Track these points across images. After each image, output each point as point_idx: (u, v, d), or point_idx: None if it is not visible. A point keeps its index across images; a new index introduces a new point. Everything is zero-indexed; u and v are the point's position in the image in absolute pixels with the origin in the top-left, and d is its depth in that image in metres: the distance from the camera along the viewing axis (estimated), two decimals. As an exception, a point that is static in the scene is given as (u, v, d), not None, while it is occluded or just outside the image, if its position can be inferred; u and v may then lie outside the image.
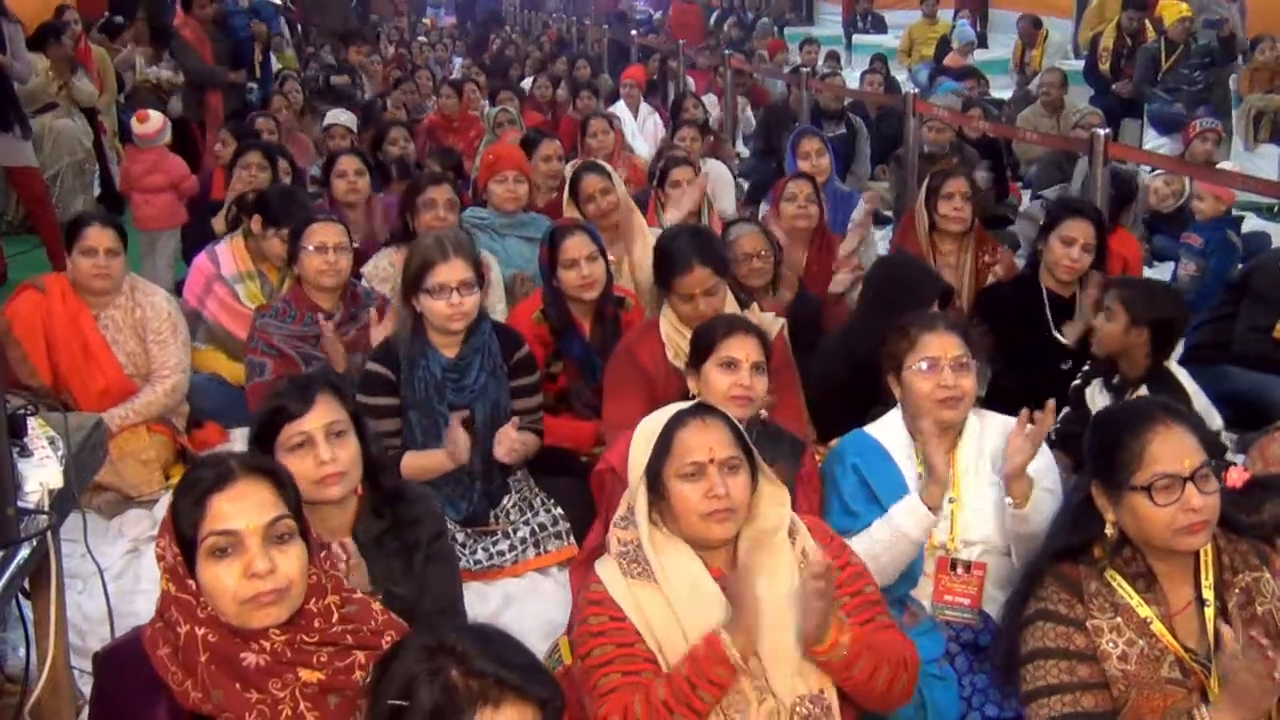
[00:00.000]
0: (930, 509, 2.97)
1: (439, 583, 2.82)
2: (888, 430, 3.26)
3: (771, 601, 2.42)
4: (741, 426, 2.63)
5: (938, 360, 3.12)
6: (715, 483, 2.43)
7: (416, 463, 3.68)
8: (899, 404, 3.26)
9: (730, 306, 3.96)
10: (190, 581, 2.04)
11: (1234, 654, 2.22)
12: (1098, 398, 4.02)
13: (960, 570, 3.02)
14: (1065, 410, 4.01)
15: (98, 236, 4.37)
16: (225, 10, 11.15)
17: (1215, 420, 3.94)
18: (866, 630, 2.46)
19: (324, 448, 2.64)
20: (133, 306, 4.47)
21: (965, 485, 3.13)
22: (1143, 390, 3.87)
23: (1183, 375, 4.04)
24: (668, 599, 2.44)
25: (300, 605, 2.09)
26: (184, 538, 2.05)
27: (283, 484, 2.12)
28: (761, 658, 2.41)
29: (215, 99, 10.24)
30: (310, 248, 4.32)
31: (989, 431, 3.21)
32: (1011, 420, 3.21)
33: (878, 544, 2.99)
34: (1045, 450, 3.17)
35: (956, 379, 3.11)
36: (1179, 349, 4.59)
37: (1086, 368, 4.12)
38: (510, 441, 3.65)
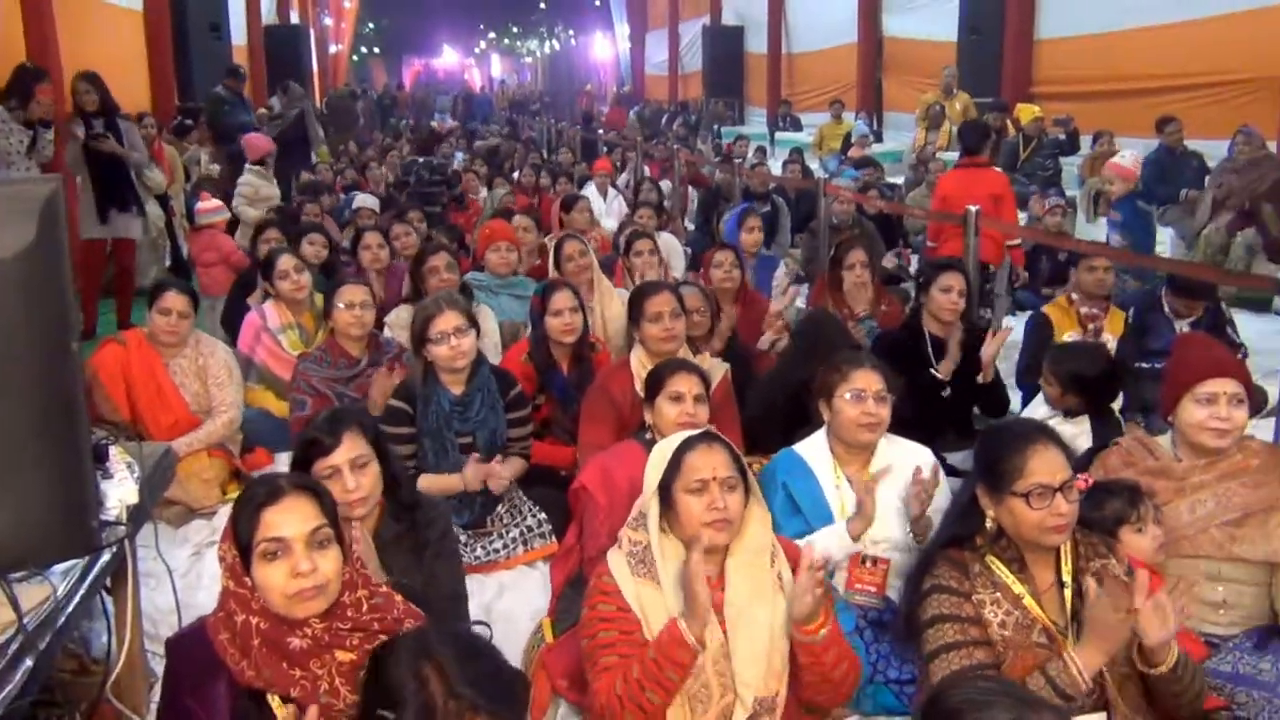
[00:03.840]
0: (853, 539, 3.00)
1: (445, 575, 2.84)
2: (813, 449, 3.27)
3: (748, 614, 2.42)
4: None
5: (863, 392, 3.15)
6: (716, 497, 2.43)
7: (434, 484, 3.67)
8: (825, 425, 3.27)
9: (683, 353, 3.99)
10: (246, 579, 2.05)
11: (1098, 594, 2.25)
12: (1041, 408, 4.10)
13: (869, 564, 3.01)
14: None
15: (174, 300, 4.40)
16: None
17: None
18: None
19: (349, 478, 2.66)
20: (196, 356, 4.47)
21: (876, 496, 3.11)
22: (1084, 419, 3.98)
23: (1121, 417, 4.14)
24: (665, 599, 2.43)
25: (336, 598, 2.08)
26: (241, 543, 2.06)
27: (323, 499, 2.14)
28: (733, 660, 2.40)
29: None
30: (341, 305, 4.38)
31: (894, 452, 3.23)
32: (910, 444, 3.28)
33: None
34: (944, 483, 3.20)
35: (878, 408, 3.15)
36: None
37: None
38: (498, 480, 3.69)
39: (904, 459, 3.19)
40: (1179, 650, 2.29)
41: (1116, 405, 4.23)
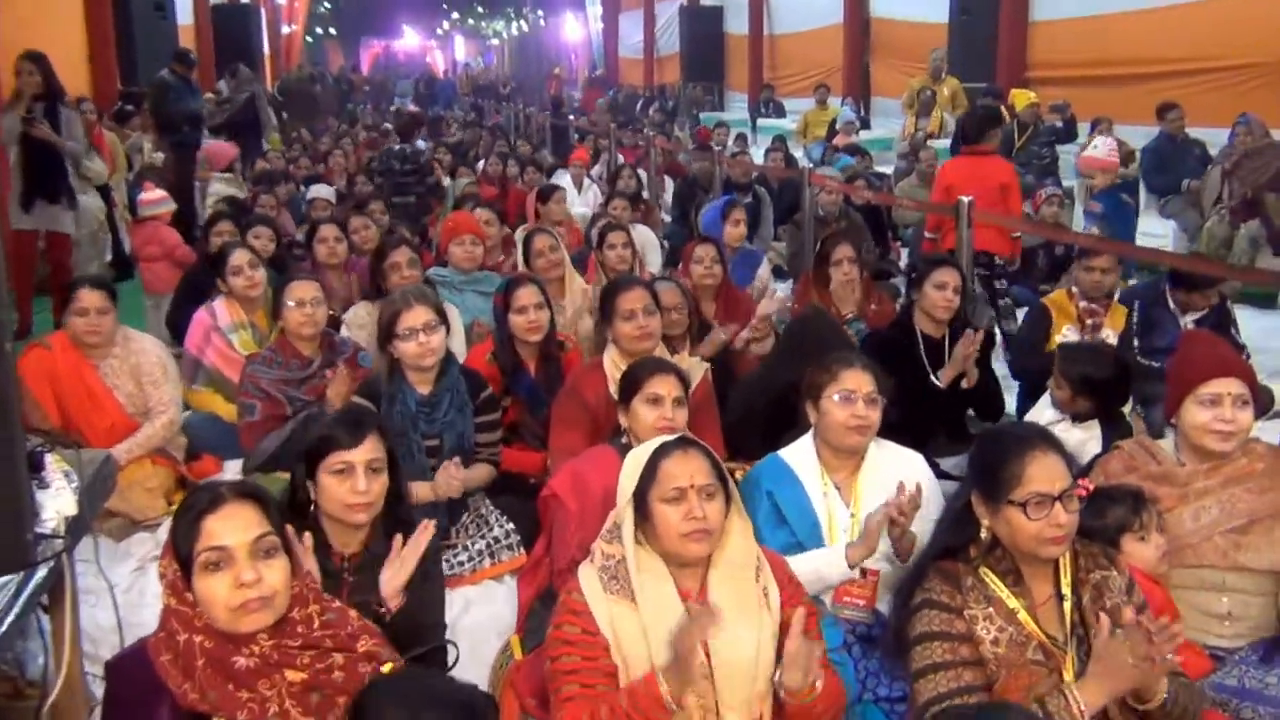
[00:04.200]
0: (850, 565, 2.97)
1: (431, 599, 2.84)
2: (799, 454, 3.26)
3: (732, 632, 2.39)
4: None
5: (853, 393, 3.14)
6: (694, 506, 2.40)
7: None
8: (812, 429, 3.27)
9: (660, 352, 3.98)
10: (188, 594, 2.03)
11: (1116, 635, 2.24)
12: (1046, 411, 4.10)
13: (859, 576, 3.01)
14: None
15: (89, 297, 4.34)
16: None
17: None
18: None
19: (362, 479, 2.67)
20: (127, 355, 4.43)
21: (865, 504, 3.12)
22: (1094, 423, 3.97)
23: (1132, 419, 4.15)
24: (640, 619, 2.40)
25: (284, 613, 2.07)
26: (182, 556, 2.04)
27: (267, 506, 2.12)
28: (715, 682, 2.38)
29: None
30: (291, 303, 4.33)
31: (884, 457, 3.23)
32: (901, 449, 3.28)
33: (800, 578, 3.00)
34: (936, 490, 3.21)
35: (867, 410, 3.13)
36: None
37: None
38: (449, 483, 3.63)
39: (895, 465, 3.19)
40: (1170, 685, 2.30)
41: (1126, 409, 4.25)
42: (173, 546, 2.06)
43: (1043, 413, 4.13)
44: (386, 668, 2.16)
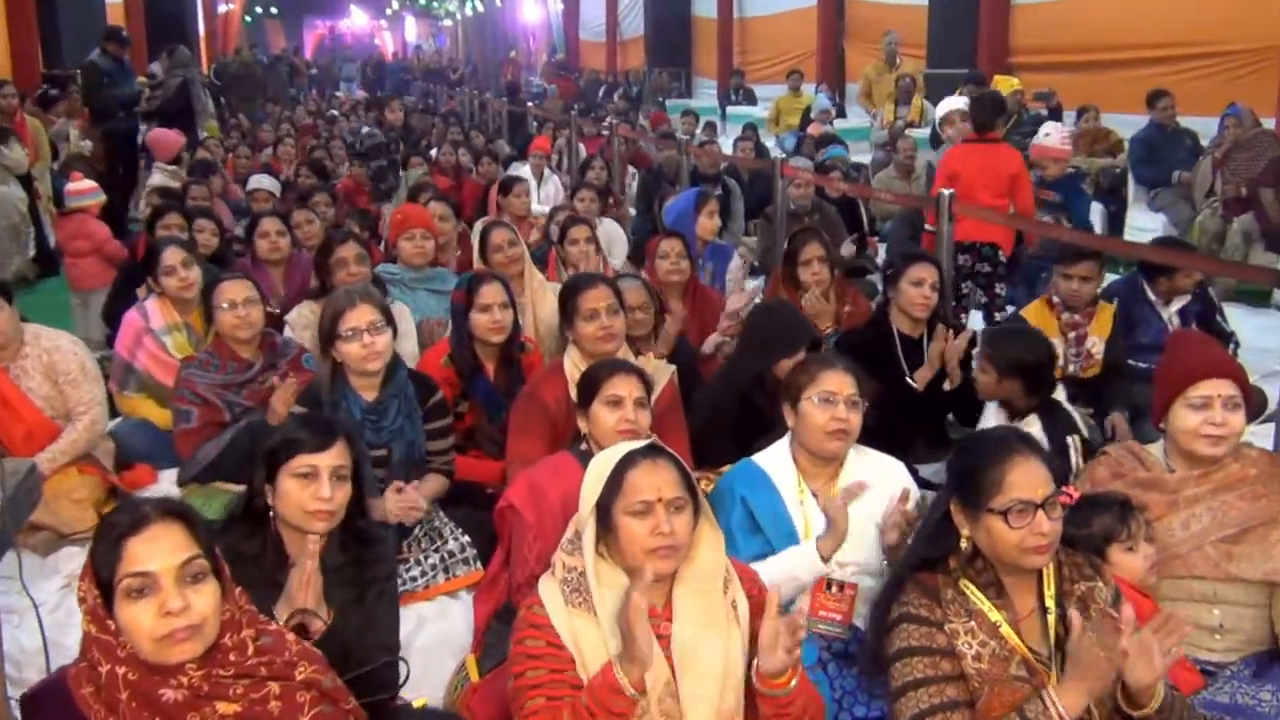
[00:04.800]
0: (823, 559, 3.00)
1: (385, 620, 2.82)
2: (774, 459, 3.27)
3: (698, 649, 2.40)
4: None
5: (834, 395, 3.15)
6: (661, 520, 2.39)
7: None
8: (789, 433, 3.28)
9: (624, 354, 3.98)
10: (109, 622, 1.99)
11: (1085, 630, 2.26)
12: (991, 418, 4.09)
13: (835, 589, 3.01)
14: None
15: None
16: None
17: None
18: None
19: (326, 486, 2.65)
20: (40, 354, 4.32)
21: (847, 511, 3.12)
22: (1034, 418, 3.93)
23: (1070, 408, 4.12)
24: (602, 632, 2.40)
25: (215, 640, 2.04)
26: (102, 580, 2.00)
27: (195, 526, 2.08)
28: (681, 700, 2.38)
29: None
30: (224, 305, 4.29)
31: (864, 464, 3.25)
32: (881, 456, 3.30)
33: (769, 582, 3.01)
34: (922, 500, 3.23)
35: (848, 414, 3.15)
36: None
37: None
38: (416, 513, 3.64)
39: (874, 472, 3.21)
40: (1166, 689, 2.32)
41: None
42: (93, 570, 2.01)
43: (987, 421, 4.14)
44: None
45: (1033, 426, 3.90)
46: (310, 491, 2.65)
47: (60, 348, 4.38)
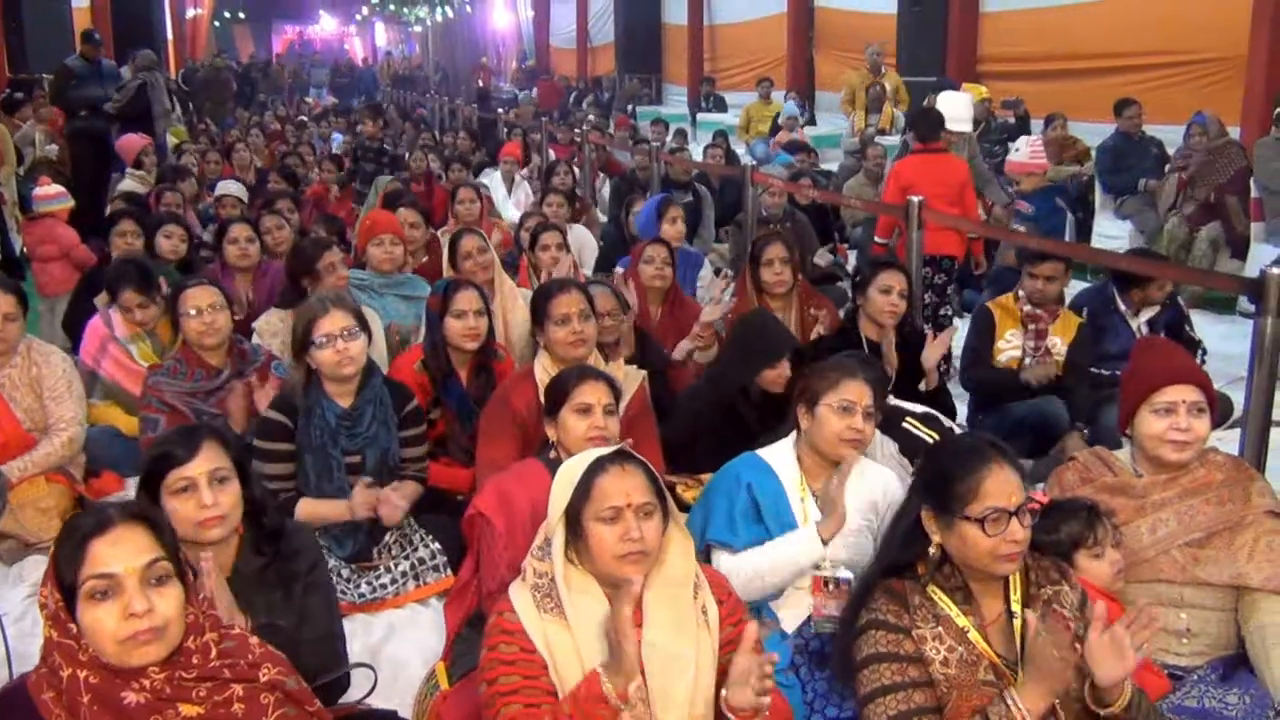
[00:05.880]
0: (823, 541, 3.03)
1: (318, 611, 2.79)
2: (778, 456, 3.30)
3: (670, 653, 2.40)
4: None
5: (854, 404, 3.19)
6: (631, 526, 2.39)
7: (315, 510, 3.63)
8: (797, 434, 3.31)
9: (594, 360, 3.98)
10: (71, 625, 1.98)
11: (1038, 631, 2.27)
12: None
13: (832, 586, 3.03)
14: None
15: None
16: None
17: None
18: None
19: (206, 493, 2.59)
20: (29, 365, 4.29)
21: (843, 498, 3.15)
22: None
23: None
24: (574, 638, 2.40)
25: (178, 643, 2.03)
26: (65, 583, 1.98)
27: (160, 529, 2.07)
28: (653, 705, 2.38)
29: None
30: (192, 312, 4.26)
31: (862, 471, 3.28)
32: (878, 465, 3.37)
33: (768, 566, 3.07)
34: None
35: (864, 425, 3.20)
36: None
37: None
38: (392, 509, 3.63)
39: (871, 479, 3.27)
40: (1133, 688, 2.34)
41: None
42: (55, 574, 2.00)
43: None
44: None
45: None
46: (193, 503, 2.58)
47: (51, 363, 4.34)
